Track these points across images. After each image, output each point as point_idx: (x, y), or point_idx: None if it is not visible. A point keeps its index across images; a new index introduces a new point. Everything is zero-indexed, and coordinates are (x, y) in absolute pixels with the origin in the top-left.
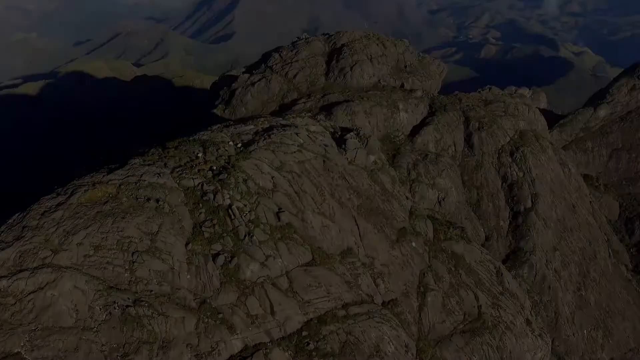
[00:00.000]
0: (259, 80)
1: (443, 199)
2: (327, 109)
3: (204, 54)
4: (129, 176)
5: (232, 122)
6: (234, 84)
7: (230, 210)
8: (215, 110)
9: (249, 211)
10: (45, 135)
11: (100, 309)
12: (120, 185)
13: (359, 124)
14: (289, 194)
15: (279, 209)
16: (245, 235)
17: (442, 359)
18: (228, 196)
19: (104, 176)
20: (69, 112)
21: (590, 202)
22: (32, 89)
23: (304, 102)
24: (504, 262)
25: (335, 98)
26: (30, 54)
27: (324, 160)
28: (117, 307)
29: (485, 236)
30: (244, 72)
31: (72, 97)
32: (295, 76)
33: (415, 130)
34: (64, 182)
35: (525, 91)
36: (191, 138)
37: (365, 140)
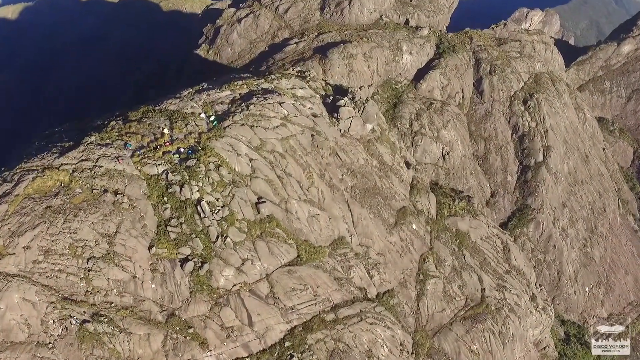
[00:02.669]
0: (246, 16)
1: (447, 153)
2: (322, 51)
3: None
4: (83, 160)
5: (205, 86)
6: (218, 20)
7: (199, 207)
8: (198, 51)
9: (221, 206)
10: (27, 69)
11: (54, 322)
12: (73, 172)
13: (357, 68)
14: (270, 180)
15: (259, 198)
16: (217, 237)
17: (440, 350)
18: (197, 188)
19: (55, 158)
20: (51, 41)
21: (604, 149)
22: (11, 12)
23: (296, 43)
24: (509, 219)
25: (331, 38)
26: None
27: (312, 135)
28: (74, 322)
29: (491, 192)
30: (229, 6)
31: (55, 23)
32: (286, 11)
33: (420, 74)
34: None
35: (537, 13)
36: (157, 107)
37: (362, 106)
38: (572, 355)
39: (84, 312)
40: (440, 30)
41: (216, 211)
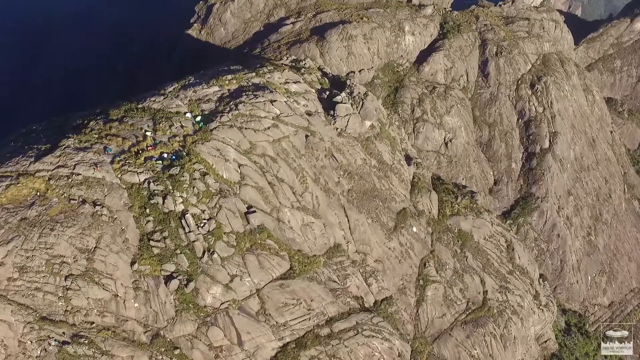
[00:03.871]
0: None
1: (450, 140)
2: (320, 32)
3: None
4: (60, 166)
5: (191, 80)
6: None
7: (184, 220)
8: (190, 31)
9: (207, 219)
10: (13, 47)
11: (32, 343)
12: (49, 179)
13: (357, 51)
14: (260, 187)
15: (248, 207)
16: (203, 252)
17: (439, 357)
18: (181, 200)
19: (30, 163)
20: (36, 18)
21: (611, 132)
22: None
23: (293, 23)
24: (512, 208)
25: (329, 17)
26: None
27: (306, 136)
28: (53, 343)
29: (494, 180)
30: None
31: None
32: None
33: (423, 56)
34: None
35: None
36: (140, 106)
37: (361, 102)
38: (573, 346)
39: (64, 332)
40: (445, 9)
41: (202, 224)
